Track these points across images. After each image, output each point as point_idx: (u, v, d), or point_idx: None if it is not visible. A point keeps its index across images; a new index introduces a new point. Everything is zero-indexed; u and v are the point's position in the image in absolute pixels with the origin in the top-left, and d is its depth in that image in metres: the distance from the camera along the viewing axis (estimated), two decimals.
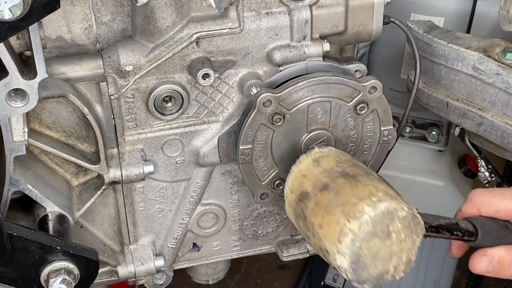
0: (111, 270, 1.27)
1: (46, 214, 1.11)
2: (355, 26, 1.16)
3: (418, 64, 1.23)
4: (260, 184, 1.19)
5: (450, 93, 1.32)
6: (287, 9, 1.12)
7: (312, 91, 1.12)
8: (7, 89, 0.97)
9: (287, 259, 1.36)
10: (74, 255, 1.06)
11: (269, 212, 1.32)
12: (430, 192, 1.82)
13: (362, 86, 1.13)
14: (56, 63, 1.08)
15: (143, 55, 1.09)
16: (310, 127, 1.15)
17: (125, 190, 1.21)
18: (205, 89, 1.15)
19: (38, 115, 1.10)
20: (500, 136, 1.28)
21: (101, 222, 1.24)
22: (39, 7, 0.89)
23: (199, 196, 1.26)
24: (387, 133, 1.19)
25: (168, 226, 1.27)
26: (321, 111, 1.14)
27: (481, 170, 1.59)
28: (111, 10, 1.09)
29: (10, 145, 1.03)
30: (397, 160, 1.80)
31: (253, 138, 1.14)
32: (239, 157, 1.15)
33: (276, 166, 1.18)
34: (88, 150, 1.15)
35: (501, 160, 1.56)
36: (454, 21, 1.50)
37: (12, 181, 1.07)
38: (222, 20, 1.10)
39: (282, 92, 1.11)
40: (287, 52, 1.14)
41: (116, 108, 1.12)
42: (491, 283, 2.31)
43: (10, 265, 1.04)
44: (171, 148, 1.19)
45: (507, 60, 1.24)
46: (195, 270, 1.43)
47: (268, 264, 2.43)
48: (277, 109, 1.12)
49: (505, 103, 1.25)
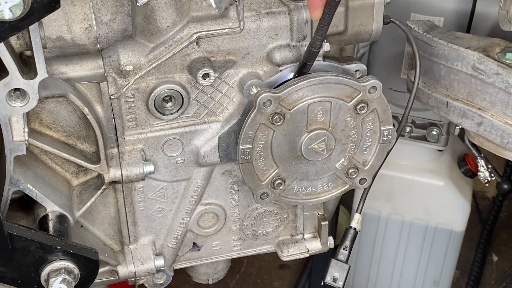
0: (111, 270, 1.27)
1: (46, 214, 1.11)
2: (355, 26, 1.17)
3: (418, 64, 1.23)
4: (260, 184, 1.19)
5: (450, 93, 1.32)
6: (287, 9, 1.12)
7: (312, 91, 1.12)
8: (7, 89, 0.97)
9: (287, 259, 1.36)
10: (74, 254, 1.06)
11: (269, 212, 1.32)
12: (430, 192, 1.82)
13: (362, 86, 1.13)
14: (56, 63, 1.09)
15: (143, 55, 1.09)
16: (310, 127, 1.16)
17: (125, 190, 1.21)
18: (205, 89, 1.15)
19: (38, 115, 1.10)
20: (500, 135, 1.28)
21: (101, 222, 1.24)
22: (39, 7, 0.89)
23: (199, 196, 1.26)
24: (387, 133, 1.19)
25: (168, 225, 1.27)
26: (321, 111, 1.14)
27: (481, 169, 1.59)
28: (111, 10, 1.10)
29: (10, 145, 1.03)
30: (397, 160, 1.80)
31: (253, 138, 1.14)
32: (239, 157, 1.15)
33: (276, 166, 1.18)
34: (88, 150, 1.15)
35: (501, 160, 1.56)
36: (454, 21, 1.50)
37: (13, 180, 1.07)
38: (222, 20, 1.10)
39: (282, 92, 1.11)
40: (287, 52, 1.14)
41: (116, 108, 1.12)
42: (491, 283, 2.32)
43: (10, 265, 1.04)
44: (171, 148, 1.19)
45: (507, 60, 1.24)
46: (195, 270, 1.43)
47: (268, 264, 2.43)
48: (277, 109, 1.12)
49: (505, 103, 1.25)
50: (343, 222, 2.17)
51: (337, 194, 1.25)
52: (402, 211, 1.87)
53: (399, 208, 1.87)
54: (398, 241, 1.92)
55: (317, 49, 1.09)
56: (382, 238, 1.94)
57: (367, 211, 1.88)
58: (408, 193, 1.84)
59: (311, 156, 1.18)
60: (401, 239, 1.91)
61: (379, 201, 1.85)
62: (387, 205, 1.87)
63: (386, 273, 2.00)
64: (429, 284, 1.99)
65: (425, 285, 1.99)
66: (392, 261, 1.97)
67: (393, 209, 1.87)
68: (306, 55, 1.11)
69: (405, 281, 2.00)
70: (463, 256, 2.25)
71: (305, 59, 1.12)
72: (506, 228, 2.54)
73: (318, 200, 1.25)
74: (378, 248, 1.96)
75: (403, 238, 1.91)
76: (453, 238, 1.88)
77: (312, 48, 1.09)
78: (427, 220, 1.86)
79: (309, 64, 1.12)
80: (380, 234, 1.93)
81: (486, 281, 2.35)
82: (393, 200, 1.86)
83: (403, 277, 1.99)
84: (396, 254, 1.95)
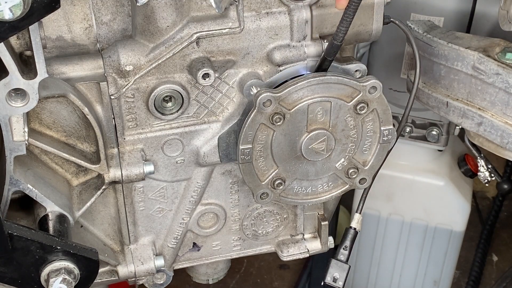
0: (111, 270, 1.27)
1: (46, 214, 1.11)
2: (355, 26, 1.16)
3: (418, 64, 1.23)
4: (260, 184, 1.19)
5: (450, 93, 1.32)
6: (287, 9, 1.12)
7: (312, 91, 1.12)
8: (7, 89, 0.97)
9: (287, 259, 1.36)
10: (74, 254, 1.06)
11: (269, 212, 1.32)
12: (430, 192, 1.82)
13: (362, 86, 1.13)
14: (56, 63, 1.09)
15: (143, 55, 1.09)
16: (310, 127, 1.15)
17: (125, 190, 1.21)
18: (205, 89, 1.15)
19: (38, 115, 1.10)
20: (500, 135, 1.28)
21: (101, 222, 1.24)
22: (39, 7, 0.89)
23: (199, 196, 1.26)
24: (387, 132, 1.19)
25: (168, 225, 1.27)
26: (321, 111, 1.14)
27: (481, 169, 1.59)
28: (111, 10, 1.10)
29: (10, 145, 1.03)
30: (397, 160, 1.80)
31: (253, 138, 1.14)
32: (239, 157, 1.15)
33: (276, 165, 1.18)
34: (88, 150, 1.15)
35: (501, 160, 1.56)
36: (454, 21, 1.50)
37: (13, 180, 1.07)
38: (222, 20, 1.10)
39: (282, 92, 1.11)
40: (287, 52, 1.14)
41: (116, 108, 1.12)
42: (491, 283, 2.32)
43: (11, 265, 1.04)
44: (171, 148, 1.19)
45: (507, 60, 1.24)
46: (195, 270, 1.43)
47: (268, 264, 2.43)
48: (277, 109, 1.12)
49: (505, 103, 1.25)
50: (343, 222, 2.17)
51: (337, 194, 1.25)
52: (402, 211, 1.87)
53: (399, 208, 1.87)
54: (398, 241, 1.92)
55: (339, 42, 1.06)
56: (382, 238, 1.94)
57: (367, 211, 1.88)
58: (408, 193, 1.84)
59: (311, 156, 1.18)
60: (401, 239, 1.91)
61: (379, 201, 1.85)
62: (387, 205, 1.87)
63: (386, 273, 2.00)
64: (429, 284, 1.99)
65: (425, 285, 1.99)
66: (392, 261, 1.97)
67: (393, 209, 1.87)
68: (327, 49, 1.10)
69: (405, 281, 2.00)
70: (463, 256, 2.25)
71: (326, 54, 1.11)
72: (506, 228, 2.54)
73: (318, 200, 1.25)
74: (378, 248, 1.96)
75: (403, 238, 1.91)
76: (453, 238, 1.88)
77: (334, 41, 1.07)
78: (427, 220, 1.86)
79: (330, 59, 1.11)
80: (380, 234, 1.93)
81: (486, 281, 2.35)
82: (393, 200, 1.86)
83: (403, 277, 1.99)
84: (396, 254, 1.95)
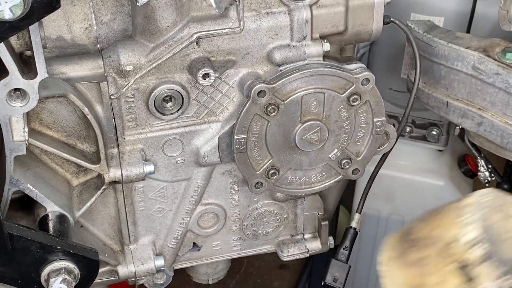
0: (111, 270, 1.27)
1: (46, 214, 1.11)
2: (355, 26, 1.17)
3: (418, 64, 1.24)
4: (254, 174, 1.20)
5: (450, 93, 1.32)
6: (287, 9, 1.12)
7: (306, 82, 1.13)
8: (8, 89, 0.97)
9: (287, 259, 1.36)
10: (74, 254, 1.06)
11: (269, 212, 1.32)
12: (430, 192, 1.82)
13: (355, 78, 1.14)
14: (56, 63, 1.09)
15: (144, 55, 1.09)
16: (303, 118, 1.16)
17: (125, 190, 1.21)
18: (205, 89, 1.15)
19: (39, 115, 1.10)
20: (500, 136, 1.28)
21: (101, 222, 1.24)
22: (39, 7, 0.89)
23: (199, 196, 1.26)
24: (379, 124, 1.20)
25: (168, 225, 1.27)
26: (314, 102, 1.15)
27: (481, 170, 1.59)
28: (111, 10, 1.10)
29: (10, 145, 1.03)
30: (397, 160, 1.80)
31: (248, 128, 1.15)
32: (234, 147, 1.16)
33: (270, 155, 1.19)
34: (88, 150, 1.15)
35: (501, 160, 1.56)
36: (454, 21, 1.50)
37: (13, 180, 1.07)
38: (222, 20, 1.10)
39: (276, 83, 1.12)
40: (287, 52, 1.14)
41: (116, 108, 1.12)
42: None
43: (11, 265, 1.04)
44: (171, 148, 1.19)
45: (507, 60, 1.24)
46: (195, 270, 1.43)
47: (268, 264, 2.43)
48: (272, 100, 1.12)
49: (505, 103, 1.25)
50: (343, 222, 2.17)
51: (331, 184, 1.25)
52: (402, 211, 1.87)
53: (399, 208, 1.87)
54: None
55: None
56: (382, 238, 1.94)
57: (367, 211, 1.87)
58: (408, 193, 1.84)
59: (305, 147, 1.19)
60: None
61: (379, 201, 1.85)
62: (387, 205, 1.87)
63: None
64: None
65: None
66: None
67: (393, 209, 1.87)
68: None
69: None
70: None
71: None
72: None
73: (311, 190, 1.25)
74: (378, 248, 1.96)
75: None
76: None
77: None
78: None
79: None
80: (380, 234, 1.93)
81: None
82: (393, 200, 1.86)
83: None
84: None
